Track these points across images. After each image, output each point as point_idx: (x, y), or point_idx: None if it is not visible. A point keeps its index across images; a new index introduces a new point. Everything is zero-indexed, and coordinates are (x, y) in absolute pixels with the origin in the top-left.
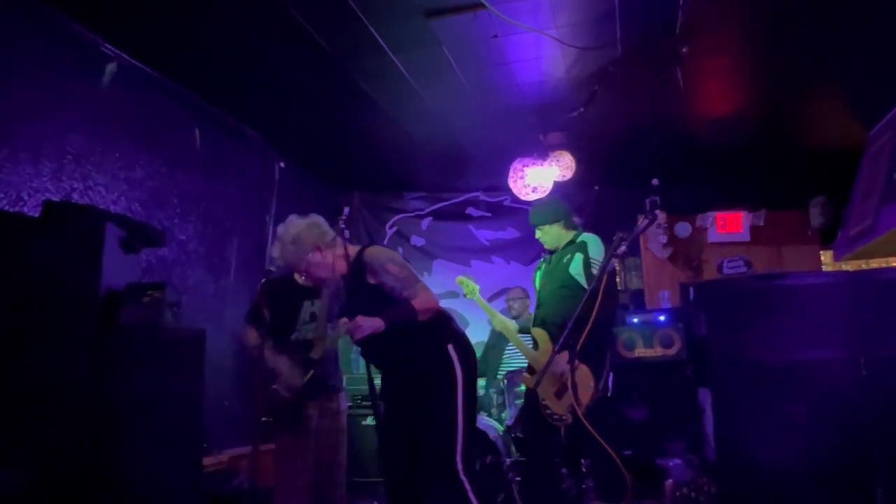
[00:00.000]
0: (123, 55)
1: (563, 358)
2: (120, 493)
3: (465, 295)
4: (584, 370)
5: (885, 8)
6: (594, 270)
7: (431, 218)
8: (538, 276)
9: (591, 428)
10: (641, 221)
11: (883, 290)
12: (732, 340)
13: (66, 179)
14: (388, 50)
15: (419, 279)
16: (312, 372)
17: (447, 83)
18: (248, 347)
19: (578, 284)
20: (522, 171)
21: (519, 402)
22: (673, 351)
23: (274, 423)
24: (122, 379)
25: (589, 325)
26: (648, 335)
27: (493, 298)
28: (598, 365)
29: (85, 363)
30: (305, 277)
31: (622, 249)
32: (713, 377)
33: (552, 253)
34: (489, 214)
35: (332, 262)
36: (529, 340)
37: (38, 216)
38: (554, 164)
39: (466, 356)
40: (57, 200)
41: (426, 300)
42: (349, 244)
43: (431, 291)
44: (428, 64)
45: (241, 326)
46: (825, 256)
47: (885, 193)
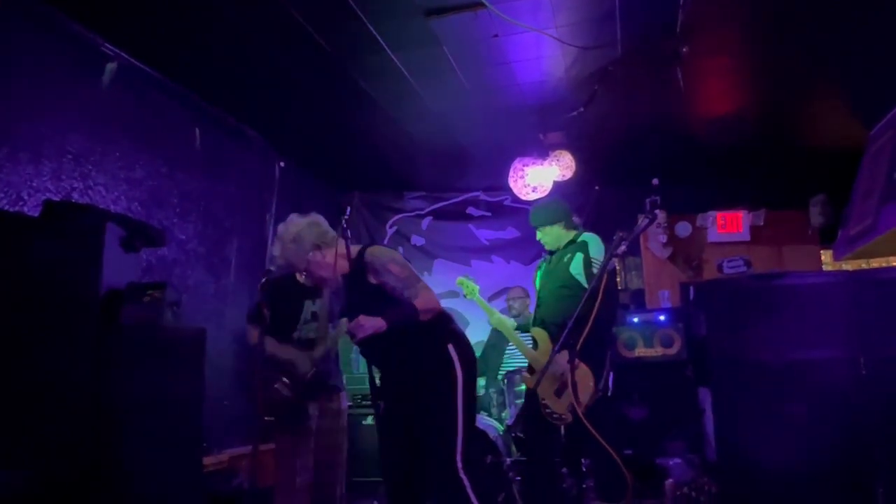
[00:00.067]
0: (123, 55)
1: (562, 357)
2: (120, 492)
3: (465, 296)
4: (583, 369)
5: (885, 8)
6: (595, 270)
7: (431, 217)
8: (538, 275)
9: (591, 427)
10: (641, 221)
11: (883, 289)
12: (732, 340)
13: (66, 179)
14: (387, 49)
15: (420, 279)
16: (314, 371)
17: (447, 83)
18: (251, 346)
19: (579, 284)
20: (522, 170)
21: (519, 401)
22: (673, 350)
23: (275, 422)
24: (122, 379)
25: (589, 324)
26: (648, 335)
27: (493, 298)
28: (597, 364)
29: (85, 363)
30: (306, 276)
31: (622, 249)
32: (713, 377)
33: (552, 253)
34: (489, 214)
35: (332, 261)
36: (529, 340)
37: (38, 216)
38: (554, 163)
39: (466, 356)
40: (57, 200)
41: (428, 300)
42: (351, 244)
43: (433, 291)
44: (428, 63)
45: (245, 326)
46: (825, 256)
47: (885, 193)
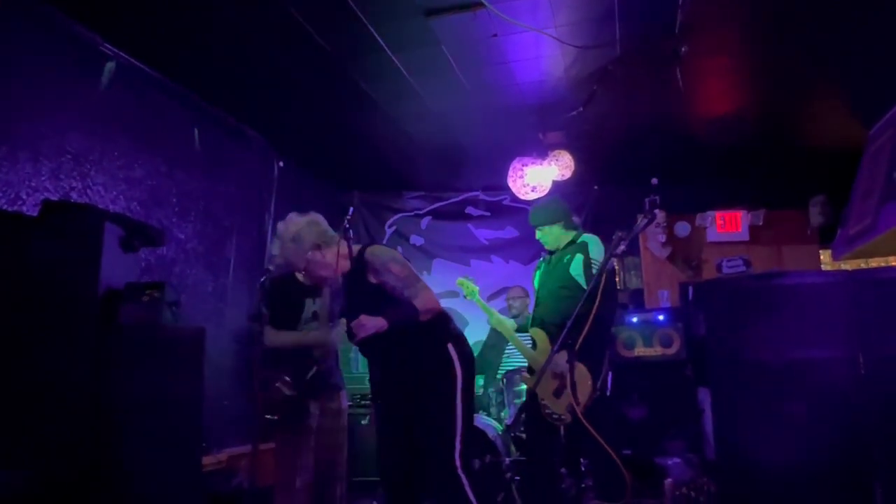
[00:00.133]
0: (123, 55)
1: (561, 357)
2: (120, 493)
3: (465, 296)
4: (582, 370)
5: (885, 8)
6: (594, 271)
7: (431, 217)
8: (537, 275)
9: (590, 427)
10: (640, 220)
11: (882, 289)
12: (732, 340)
13: (64, 178)
14: (387, 49)
15: (420, 279)
16: (315, 369)
17: (447, 82)
18: (263, 345)
19: (578, 285)
20: (522, 170)
21: (518, 401)
22: (672, 350)
23: (275, 421)
24: (121, 378)
25: (588, 324)
26: (648, 334)
27: (492, 298)
28: (596, 364)
29: (84, 363)
30: (305, 275)
31: (621, 249)
32: (712, 376)
33: (552, 253)
34: (488, 214)
35: (331, 260)
36: (528, 340)
37: (36, 215)
38: (553, 163)
39: (466, 355)
40: (56, 199)
41: (428, 300)
42: (352, 243)
43: (432, 292)
44: (427, 63)
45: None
46: (824, 256)
47: (884, 192)
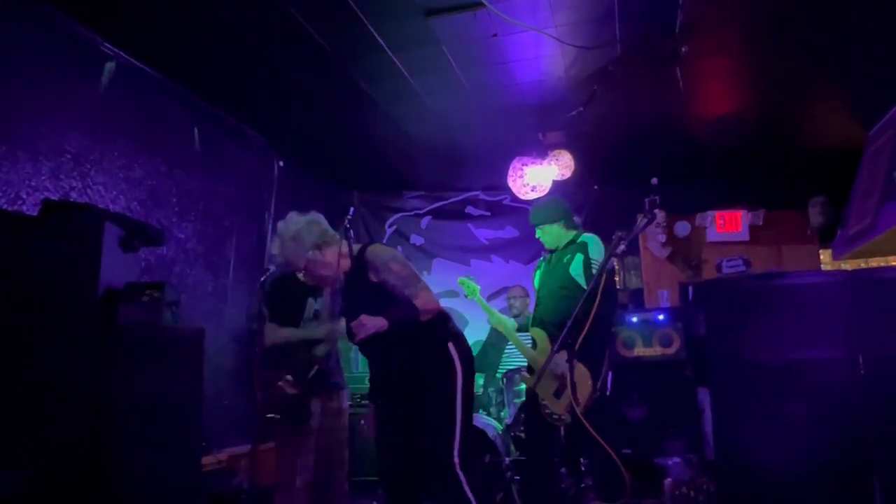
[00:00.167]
0: (123, 54)
1: (561, 357)
2: (120, 493)
3: (466, 296)
4: (581, 370)
5: (884, 9)
6: (594, 271)
7: (431, 217)
8: (538, 275)
9: (589, 427)
10: (640, 220)
11: (882, 289)
12: (731, 340)
13: (64, 178)
14: (387, 49)
15: (420, 279)
16: (317, 368)
17: (447, 82)
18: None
19: (578, 285)
20: (522, 170)
21: (518, 400)
22: (672, 350)
23: (277, 420)
24: (121, 378)
25: (587, 324)
26: (647, 334)
27: (492, 297)
28: (596, 364)
29: (85, 363)
30: (305, 275)
31: (621, 248)
32: (712, 376)
33: (552, 252)
34: (488, 213)
35: (332, 260)
36: (528, 340)
37: (36, 215)
38: (553, 163)
39: (466, 354)
40: (55, 199)
41: (428, 301)
42: (352, 243)
43: (432, 292)
44: (427, 63)
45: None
46: (824, 256)
47: (884, 193)
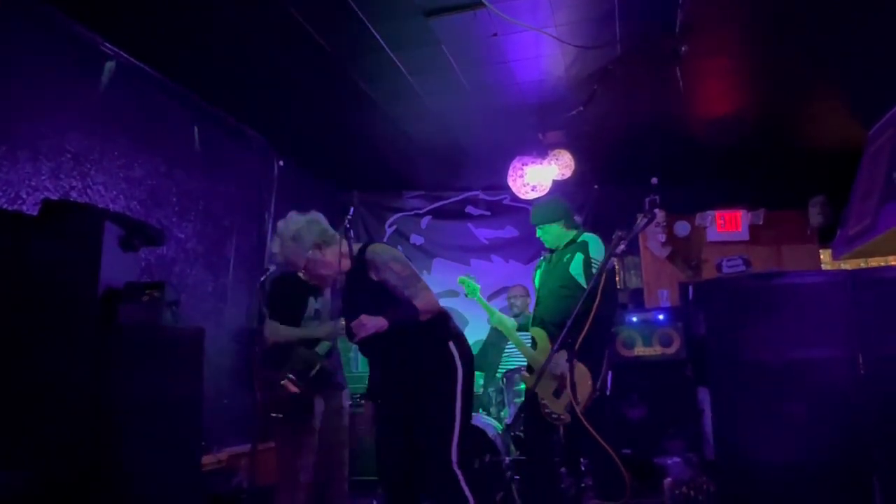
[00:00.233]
0: (123, 54)
1: (561, 357)
2: (120, 493)
3: (466, 295)
4: (581, 369)
5: (884, 9)
6: (594, 271)
7: (431, 217)
8: (538, 274)
9: (589, 427)
10: (640, 220)
11: (881, 288)
12: (731, 339)
13: (64, 178)
14: (387, 49)
15: (420, 279)
16: (320, 366)
17: (447, 82)
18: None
19: (578, 284)
20: (522, 169)
21: (518, 400)
22: (672, 350)
23: (279, 419)
24: (121, 378)
25: (587, 323)
26: (647, 334)
27: (492, 297)
28: (596, 364)
29: (85, 363)
30: (305, 274)
31: (621, 248)
32: (712, 376)
33: (552, 252)
34: (488, 213)
35: (332, 259)
36: (528, 339)
37: (36, 215)
38: (553, 162)
39: (466, 353)
40: (55, 199)
41: (428, 301)
42: (352, 243)
43: (432, 292)
44: (427, 63)
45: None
46: (824, 255)
47: (884, 193)
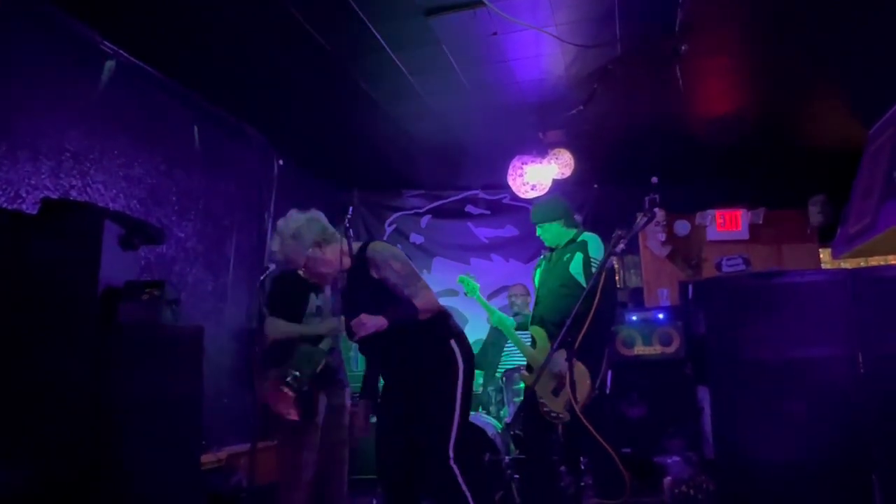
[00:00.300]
0: (123, 53)
1: (560, 356)
2: (120, 492)
3: (465, 293)
4: (581, 368)
5: (885, 8)
6: (594, 270)
7: (430, 216)
8: (538, 273)
9: (589, 426)
10: (640, 219)
11: (881, 287)
12: (731, 338)
13: (64, 177)
14: (387, 48)
15: (420, 277)
16: (325, 362)
17: (447, 81)
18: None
19: (578, 283)
20: (521, 168)
21: (517, 399)
22: (672, 349)
23: (283, 416)
24: (120, 378)
25: (587, 323)
26: (647, 333)
27: (492, 296)
28: (595, 363)
29: (84, 362)
30: (305, 272)
31: (621, 247)
32: (712, 375)
33: (552, 251)
34: (488, 212)
35: (332, 257)
36: (528, 338)
37: (36, 214)
38: (553, 161)
39: (467, 351)
40: (55, 198)
41: (427, 300)
42: (352, 242)
43: (432, 291)
44: (427, 62)
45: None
46: (824, 254)
47: (884, 191)
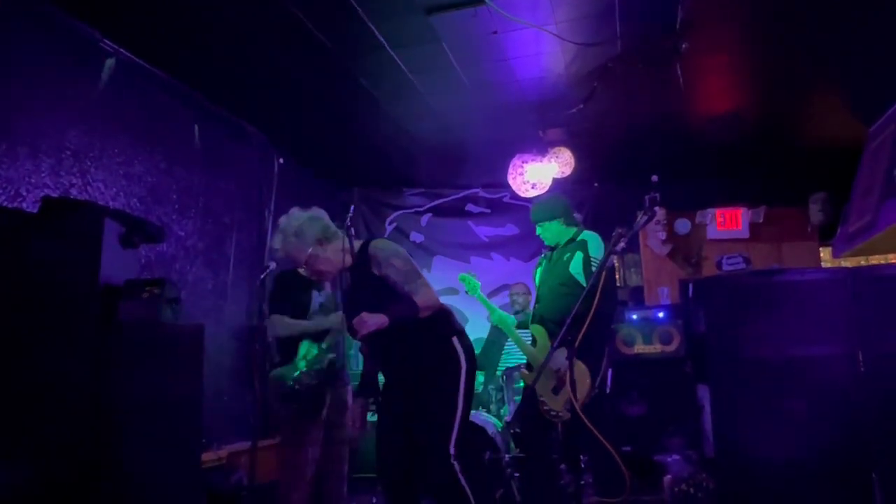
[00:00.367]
0: (123, 51)
1: (560, 354)
2: (120, 492)
3: (466, 291)
4: (581, 367)
5: (885, 8)
6: (594, 269)
7: (431, 214)
8: (538, 272)
9: (589, 424)
10: (640, 217)
11: (882, 286)
12: (731, 337)
13: (64, 175)
14: (387, 47)
15: (421, 275)
16: (331, 357)
17: (447, 80)
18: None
19: (578, 282)
20: (522, 167)
21: (518, 398)
22: (672, 347)
23: (288, 412)
24: (121, 377)
25: (587, 321)
26: (647, 331)
27: (492, 295)
28: (595, 361)
29: (84, 361)
30: (306, 270)
31: (621, 246)
32: (712, 373)
33: (553, 249)
34: (488, 211)
35: (333, 255)
36: (528, 336)
37: (36, 212)
38: (553, 160)
39: (469, 349)
40: (55, 196)
41: (428, 297)
42: (353, 240)
43: (433, 289)
44: (428, 60)
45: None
46: (824, 253)
47: (884, 190)
